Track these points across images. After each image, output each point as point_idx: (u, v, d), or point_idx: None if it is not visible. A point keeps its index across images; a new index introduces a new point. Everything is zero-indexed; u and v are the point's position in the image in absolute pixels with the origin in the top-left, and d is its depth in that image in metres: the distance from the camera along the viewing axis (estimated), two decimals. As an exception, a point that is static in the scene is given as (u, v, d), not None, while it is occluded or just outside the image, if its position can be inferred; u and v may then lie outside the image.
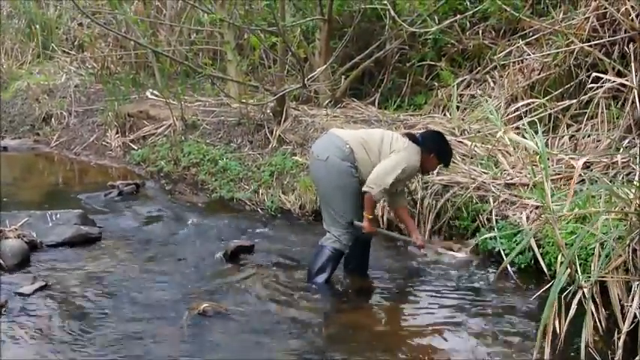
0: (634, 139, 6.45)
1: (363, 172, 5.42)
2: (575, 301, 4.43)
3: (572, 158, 6.56)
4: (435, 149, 5.60)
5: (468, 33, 9.18)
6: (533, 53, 8.05)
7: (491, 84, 8.53)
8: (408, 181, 6.01)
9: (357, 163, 5.44)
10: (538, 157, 5.70)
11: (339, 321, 5.20)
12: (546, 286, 5.13)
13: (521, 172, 6.67)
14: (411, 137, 5.61)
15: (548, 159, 5.57)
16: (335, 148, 5.47)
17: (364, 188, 5.37)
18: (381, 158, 5.43)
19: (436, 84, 9.12)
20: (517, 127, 7.23)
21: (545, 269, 5.54)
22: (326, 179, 5.53)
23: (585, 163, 6.20)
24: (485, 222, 6.34)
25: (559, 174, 6.40)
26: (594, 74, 6.97)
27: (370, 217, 5.48)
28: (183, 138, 9.25)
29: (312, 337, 4.93)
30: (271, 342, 4.81)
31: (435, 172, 6.80)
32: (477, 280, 5.83)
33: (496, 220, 6.20)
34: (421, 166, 5.62)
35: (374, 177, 5.34)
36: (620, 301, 4.60)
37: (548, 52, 7.73)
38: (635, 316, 4.35)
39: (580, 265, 4.75)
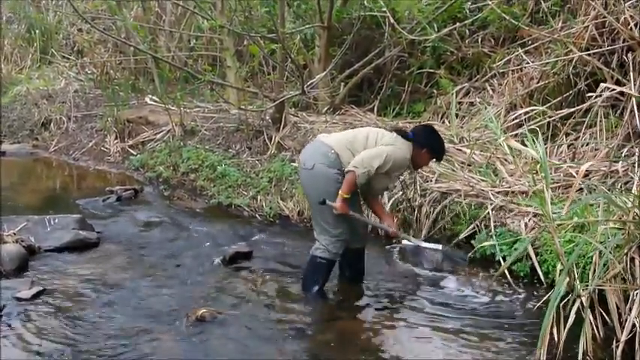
0: (632, 147, 6.46)
1: None
2: (573, 310, 4.44)
3: (570, 167, 6.58)
4: (427, 144, 5.50)
5: (467, 41, 9.19)
6: (532, 62, 8.06)
7: (490, 92, 8.54)
8: (397, 176, 5.81)
9: (344, 168, 5.32)
10: (539, 165, 5.69)
11: (336, 328, 5.19)
12: (544, 294, 5.19)
13: (519, 180, 6.67)
14: (400, 132, 5.51)
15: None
16: (320, 156, 5.38)
17: (348, 167, 5.24)
18: None
19: (435, 91, 9.13)
20: (516, 135, 7.25)
21: (542, 277, 5.55)
22: (313, 188, 5.45)
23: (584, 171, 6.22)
24: (483, 229, 6.35)
25: (557, 182, 6.41)
26: (593, 83, 6.98)
27: (346, 196, 5.27)
28: (182, 144, 9.25)
29: (309, 344, 4.95)
30: (268, 348, 4.81)
31: (434, 179, 6.81)
32: (475, 288, 5.81)
33: (494, 227, 6.20)
34: (413, 162, 5.53)
35: (359, 159, 5.23)
36: (618, 309, 4.61)
37: (547, 61, 7.74)
38: (633, 325, 4.35)
39: (578, 273, 4.75)
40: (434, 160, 5.75)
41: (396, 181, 6.25)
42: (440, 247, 5.96)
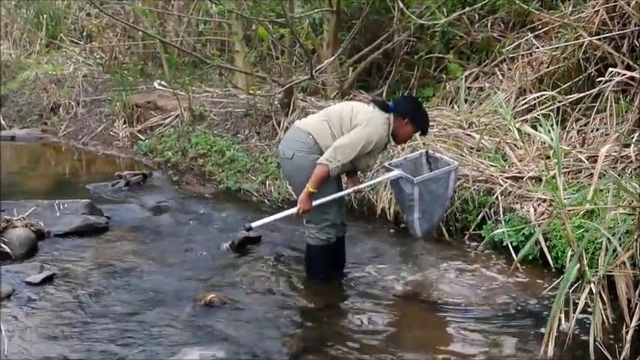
0: (643, 132, 6.42)
1: None
2: (583, 296, 4.43)
3: (580, 152, 6.54)
4: (408, 114, 5.26)
5: (476, 25, 9.12)
6: (542, 46, 8.00)
7: (500, 77, 8.48)
8: (379, 152, 5.57)
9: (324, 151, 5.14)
10: (552, 151, 5.63)
11: (344, 312, 5.21)
12: (552, 279, 5.18)
13: (528, 166, 6.65)
14: (379, 104, 5.31)
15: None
16: (299, 144, 5.22)
17: (319, 160, 5.04)
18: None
19: (444, 76, 9.08)
20: (525, 120, 7.21)
21: (551, 262, 5.53)
22: (296, 177, 5.32)
23: (593, 157, 6.20)
24: (492, 214, 6.33)
25: (567, 167, 6.38)
26: (603, 68, 6.93)
27: (313, 191, 5.09)
28: (190, 129, 9.25)
29: (317, 329, 4.95)
30: (277, 333, 4.83)
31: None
32: (486, 272, 5.79)
33: (503, 213, 6.18)
34: (394, 135, 5.32)
35: (332, 151, 5.02)
36: (627, 295, 4.60)
37: (557, 46, 7.68)
38: (642, 311, 4.35)
39: (587, 259, 4.74)
40: (418, 133, 5.52)
41: (378, 156, 5.99)
42: (400, 172, 5.44)
